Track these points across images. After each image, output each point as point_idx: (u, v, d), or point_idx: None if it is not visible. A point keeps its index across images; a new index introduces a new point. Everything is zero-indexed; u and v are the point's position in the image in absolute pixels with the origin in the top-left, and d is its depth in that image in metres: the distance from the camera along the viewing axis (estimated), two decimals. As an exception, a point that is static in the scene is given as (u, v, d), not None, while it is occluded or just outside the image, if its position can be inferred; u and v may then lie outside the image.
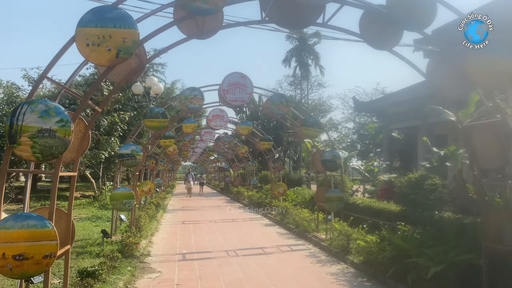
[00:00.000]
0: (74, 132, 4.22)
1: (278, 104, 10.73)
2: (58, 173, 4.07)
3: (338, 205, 10.76)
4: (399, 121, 23.35)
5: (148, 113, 10.08)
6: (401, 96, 22.63)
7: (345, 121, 60.71)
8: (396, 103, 22.80)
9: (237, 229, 13.49)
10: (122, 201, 9.82)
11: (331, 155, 10.87)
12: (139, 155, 10.03)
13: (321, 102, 44.00)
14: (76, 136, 4.44)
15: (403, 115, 22.28)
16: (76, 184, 22.77)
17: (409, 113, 21.56)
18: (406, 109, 22.13)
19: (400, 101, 22.30)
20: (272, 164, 16.68)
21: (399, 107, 22.73)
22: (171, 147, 20.16)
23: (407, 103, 21.90)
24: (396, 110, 23.08)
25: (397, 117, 23.06)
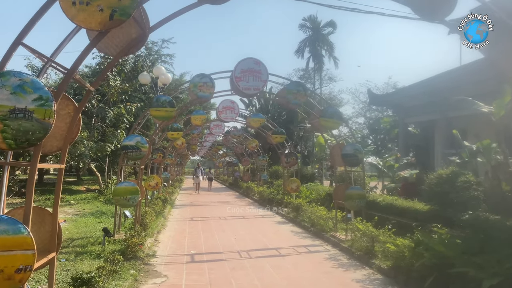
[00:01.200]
0: (62, 115, 3.44)
1: (295, 93, 9.86)
2: (36, 164, 3.28)
3: (360, 203, 9.92)
4: (415, 115, 22.35)
5: (154, 102, 9.28)
6: (418, 89, 21.60)
7: (356, 116, 59.55)
8: (413, 96, 21.78)
9: (249, 227, 12.70)
10: (126, 196, 9.06)
11: (353, 148, 10.00)
12: (144, 147, 9.25)
13: (331, 97, 42.99)
14: (63, 121, 3.65)
15: (420, 108, 21.30)
16: (82, 177, 22.45)
17: (427, 106, 20.59)
18: (424, 102, 21.14)
19: (417, 94, 21.29)
20: (285, 159, 15.84)
21: (416, 100, 21.74)
22: (179, 141, 19.39)
23: (425, 96, 20.90)
24: (413, 104, 22.10)
25: (414, 111, 22.07)
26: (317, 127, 10.55)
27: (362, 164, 10.86)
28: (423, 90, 20.59)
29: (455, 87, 17.31)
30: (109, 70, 3.69)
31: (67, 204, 17.16)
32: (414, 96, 21.55)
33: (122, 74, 19.52)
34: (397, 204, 10.97)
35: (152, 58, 25.74)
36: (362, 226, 8.71)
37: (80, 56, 3.37)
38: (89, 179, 37.64)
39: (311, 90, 10.10)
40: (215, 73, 9.69)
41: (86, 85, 3.83)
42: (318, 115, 10.05)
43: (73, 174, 45.80)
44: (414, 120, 23.61)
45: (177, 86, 27.09)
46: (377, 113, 67.79)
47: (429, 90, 20.01)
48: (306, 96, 9.98)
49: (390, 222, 10.01)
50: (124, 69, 19.48)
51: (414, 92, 21.70)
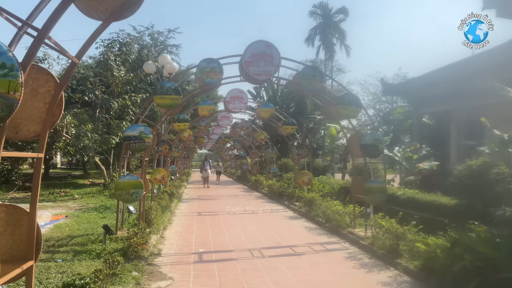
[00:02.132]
0: (41, 94, 2.77)
1: (311, 78, 9.11)
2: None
3: (380, 197, 9.19)
4: (431, 105, 21.44)
5: (158, 89, 8.58)
6: (434, 77, 20.66)
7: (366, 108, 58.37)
8: (429, 85, 20.86)
9: (259, 222, 12.03)
10: (129, 191, 8.43)
11: (373, 138, 9.25)
12: (148, 138, 8.58)
13: (340, 88, 42.08)
14: (42, 100, 2.97)
15: (436, 98, 20.39)
16: (88, 171, 21.84)
17: (444, 96, 19.72)
18: (440, 91, 20.25)
19: (433, 83, 20.37)
20: (296, 151, 15.12)
21: (432, 89, 20.83)
22: (186, 132, 18.75)
23: (442, 85, 20.00)
24: (428, 93, 21.19)
25: (429, 101, 21.16)
26: (334, 116, 9.80)
27: (383, 155, 10.10)
28: (441, 78, 19.72)
29: (475, 73, 16.47)
30: (98, 36, 3.20)
31: (70, 199, 16.63)
32: (430, 85, 20.65)
33: (126, 64, 18.87)
34: (419, 198, 10.24)
35: (158, 49, 25.08)
36: (385, 222, 7.97)
37: (54, 15, 2.68)
38: (96, 173, 37.18)
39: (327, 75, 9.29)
40: (223, 58, 8.96)
41: (67, 54, 3.15)
42: (334, 103, 9.30)
43: (79, 168, 45.55)
44: (429, 110, 22.72)
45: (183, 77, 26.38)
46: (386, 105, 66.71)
47: (447, 78, 19.14)
48: (322, 82, 9.24)
49: (413, 217, 9.28)
50: (129, 59, 18.83)
51: (430, 81, 20.80)
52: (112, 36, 18.16)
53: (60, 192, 18.72)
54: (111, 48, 17.94)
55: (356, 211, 10.44)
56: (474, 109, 18.94)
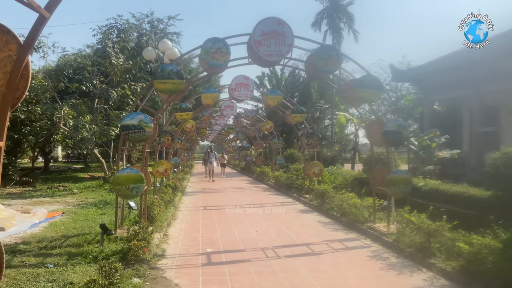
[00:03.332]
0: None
1: (326, 58, 8.23)
2: None
3: (404, 190, 8.39)
4: (443, 92, 20.53)
5: (159, 73, 7.73)
6: (447, 62, 19.69)
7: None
8: (441, 70, 19.92)
9: (269, 217, 11.24)
10: (129, 185, 7.63)
11: (396, 124, 8.42)
12: (148, 127, 7.76)
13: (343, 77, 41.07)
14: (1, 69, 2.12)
15: (448, 84, 19.51)
16: (90, 164, 20.92)
17: (457, 81, 18.85)
18: (453, 77, 19.37)
19: (446, 69, 19.45)
20: (305, 140, 14.27)
21: (444, 75, 19.93)
22: (189, 123, 17.91)
23: (455, 70, 19.10)
24: (440, 79, 20.29)
25: (441, 87, 20.25)
26: (351, 100, 8.94)
27: (407, 143, 9.27)
28: (453, 63, 18.81)
29: (490, 57, 15.58)
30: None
31: (69, 193, 15.87)
32: (442, 70, 19.73)
33: (125, 51, 17.99)
34: (444, 189, 9.42)
35: (158, 37, 24.13)
36: (415, 217, 7.16)
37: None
38: (97, 166, 36.45)
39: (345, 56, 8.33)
40: (229, 37, 8.08)
41: (34, 4, 2.33)
42: (353, 86, 8.44)
43: (81, 161, 44.81)
44: (440, 97, 21.83)
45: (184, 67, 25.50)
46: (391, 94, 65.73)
47: (461, 62, 18.24)
48: (339, 63, 8.36)
49: (438, 210, 8.48)
50: (127, 46, 17.95)
51: (442, 66, 19.87)
52: (110, 22, 17.27)
53: (58, 186, 17.99)
54: (108, 35, 17.05)
55: (371, 203, 9.68)
56: (486, 95, 18.09)
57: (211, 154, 24.61)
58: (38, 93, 17.41)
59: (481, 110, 18.33)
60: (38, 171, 29.50)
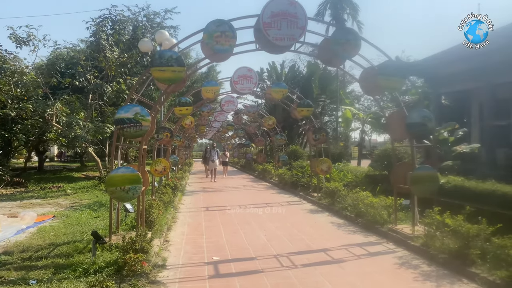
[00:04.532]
0: None
1: (344, 43, 7.38)
2: None
3: (431, 187, 7.58)
4: (451, 84, 19.70)
5: (156, 59, 6.87)
6: (456, 53, 18.89)
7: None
8: (450, 62, 19.10)
9: (277, 218, 10.41)
10: (124, 187, 6.76)
11: (421, 116, 7.58)
12: (145, 121, 6.89)
13: (342, 73, 40.18)
14: None
15: (457, 76, 18.70)
16: (86, 163, 19.87)
17: (466, 73, 18.07)
18: (461, 69, 18.60)
19: (455, 60, 18.64)
20: (313, 136, 13.43)
21: (452, 67, 19.10)
22: (188, 119, 17.04)
23: (465, 62, 18.31)
24: (449, 71, 19.45)
25: (449, 80, 19.41)
26: (372, 89, 8.09)
27: (432, 136, 8.45)
28: (464, 53, 18.02)
29: (500, 48, 14.82)
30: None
31: (62, 194, 15.00)
32: (451, 62, 18.94)
33: (120, 44, 17.07)
34: (470, 186, 8.61)
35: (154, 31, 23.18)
36: (449, 219, 6.33)
37: None
38: (94, 165, 35.47)
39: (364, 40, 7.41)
40: (235, 19, 7.21)
41: None
42: (374, 73, 7.59)
43: (77, 160, 43.80)
44: (449, 90, 21.00)
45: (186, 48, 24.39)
46: (390, 90, 64.63)
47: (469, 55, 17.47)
48: (357, 48, 7.50)
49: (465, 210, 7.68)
50: (123, 39, 17.03)
51: (452, 57, 19.09)
52: (104, 13, 16.36)
53: (52, 187, 17.11)
54: (102, 27, 16.13)
55: (388, 202, 8.88)
56: (499, 87, 17.31)
57: (213, 152, 22.49)
58: (30, 89, 16.52)
59: (493, 103, 17.59)
60: (33, 170, 28.59)
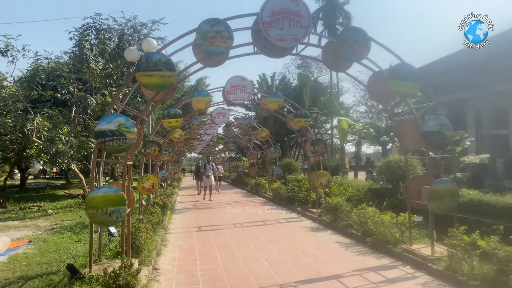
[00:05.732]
0: None
1: (352, 44, 6.66)
2: None
3: (451, 204, 6.81)
4: (447, 93, 19.27)
5: (143, 63, 6.05)
6: (453, 61, 18.48)
7: (357, 105, 56.49)
8: (446, 70, 18.75)
9: (278, 238, 9.54)
10: (106, 209, 5.88)
11: (437, 124, 6.86)
12: (130, 133, 6.03)
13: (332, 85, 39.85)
14: None
15: (453, 85, 18.32)
16: (71, 180, 18.49)
17: (462, 82, 17.68)
18: (457, 78, 18.24)
19: (451, 68, 18.30)
20: (311, 148, 12.67)
21: (449, 75, 18.77)
22: (177, 133, 16.19)
23: (459, 71, 17.98)
24: (445, 80, 19.09)
25: (445, 88, 19.00)
26: (381, 96, 7.37)
27: (452, 146, 7.71)
28: (460, 62, 17.62)
29: (497, 55, 14.41)
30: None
31: (43, 215, 13.92)
32: (448, 70, 18.57)
33: (105, 55, 16.21)
34: (490, 201, 7.90)
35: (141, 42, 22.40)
36: (483, 241, 5.55)
37: None
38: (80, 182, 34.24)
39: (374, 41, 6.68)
40: (231, 18, 6.45)
41: None
42: (384, 78, 6.86)
43: (63, 177, 42.27)
44: (445, 99, 20.55)
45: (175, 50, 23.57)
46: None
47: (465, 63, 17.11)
48: (367, 49, 6.79)
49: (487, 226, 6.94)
50: (107, 48, 16.18)
51: (448, 65, 18.70)
52: (87, 22, 15.53)
53: (32, 206, 16.01)
54: (86, 36, 15.29)
55: (400, 220, 8.09)
56: (496, 95, 16.91)
57: (207, 166, 19.66)
58: (9, 103, 15.51)
59: (491, 112, 17.14)
60: (14, 189, 27.31)
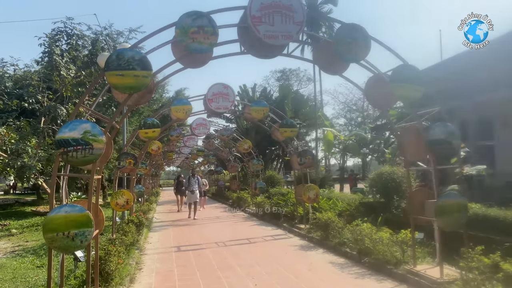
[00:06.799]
0: None
1: (350, 42, 5.99)
2: None
3: (460, 220, 6.14)
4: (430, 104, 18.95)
5: (113, 61, 5.21)
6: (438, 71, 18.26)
7: (336, 118, 56.61)
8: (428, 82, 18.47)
9: (265, 258, 8.69)
10: (68, 232, 4.96)
11: (444, 132, 6.25)
12: (98, 141, 5.13)
13: (311, 98, 39.63)
14: None
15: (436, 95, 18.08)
16: (43, 196, 17.04)
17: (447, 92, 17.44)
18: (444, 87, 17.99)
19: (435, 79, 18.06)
20: (298, 159, 11.95)
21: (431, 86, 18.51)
22: (155, 145, 15.21)
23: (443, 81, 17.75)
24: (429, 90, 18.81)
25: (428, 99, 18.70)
26: (382, 101, 6.69)
27: (458, 155, 7.10)
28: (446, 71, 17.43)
29: (482, 65, 14.21)
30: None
31: (5, 235, 12.68)
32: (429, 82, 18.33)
33: (77, 61, 15.20)
34: (497, 215, 7.29)
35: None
36: (506, 263, 4.87)
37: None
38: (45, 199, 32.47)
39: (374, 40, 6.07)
40: (216, 11, 5.68)
41: None
42: (385, 80, 6.20)
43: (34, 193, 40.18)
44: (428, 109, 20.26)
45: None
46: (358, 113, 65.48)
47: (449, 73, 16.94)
48: (366, 49, 6.13)
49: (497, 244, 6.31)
50: (80, 55, 15.20)
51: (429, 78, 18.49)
52: (58, 26, 14.54)
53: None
54: (56, 41, 14.29)
55: (403, 237, 7.40)
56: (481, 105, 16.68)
57: (192, 180, 17.22)
58: (-30, 113, 14.32)
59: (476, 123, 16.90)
60: (-21, 206, 25.59)
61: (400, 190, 10.34)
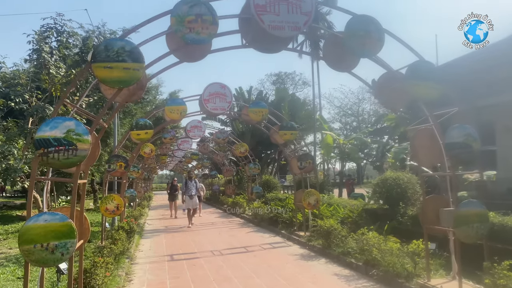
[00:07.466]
0: None
1: (363, 36, 5.47)
2: None
3: (481, 230, 5.62)
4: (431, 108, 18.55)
5: (101, 51, 4.65)
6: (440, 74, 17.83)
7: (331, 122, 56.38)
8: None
9: (265, 270, 8.12)
10: (47, 244, 4.40)
11: (464, 134, 5.75)
12: (83, 141, 4.56)
13: (307, 102, 39.16)
14: None
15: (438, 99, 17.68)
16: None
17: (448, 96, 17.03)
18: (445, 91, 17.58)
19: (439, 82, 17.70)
20: (298, 163, 11.42)
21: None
22: (147, 148, 14.61)
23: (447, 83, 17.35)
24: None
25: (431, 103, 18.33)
26: (394, 99, 6.19)
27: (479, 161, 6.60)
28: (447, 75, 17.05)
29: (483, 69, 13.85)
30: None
31: (-12, 241, 12.00)
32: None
33: (68, 60, 14.56)
34: (516, 225, 6.79)
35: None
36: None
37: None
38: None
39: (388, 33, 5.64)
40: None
41: None
42: (399, 77, 5.70)
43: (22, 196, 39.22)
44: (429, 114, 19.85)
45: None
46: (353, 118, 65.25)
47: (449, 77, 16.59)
48: (380, 43, 5.63)
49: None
50: (70, 52, 14.56)
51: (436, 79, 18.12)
52: (47, 23, 13.93)
53: (-22, 231, 13.99)
54: (45, 38, 13.67)
55: (414, 247, 6.87)
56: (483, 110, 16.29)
57: (190, 184, 15.95)
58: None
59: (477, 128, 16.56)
60: (-35, 210, 24.75)
61: (406, 196, 9.82)
